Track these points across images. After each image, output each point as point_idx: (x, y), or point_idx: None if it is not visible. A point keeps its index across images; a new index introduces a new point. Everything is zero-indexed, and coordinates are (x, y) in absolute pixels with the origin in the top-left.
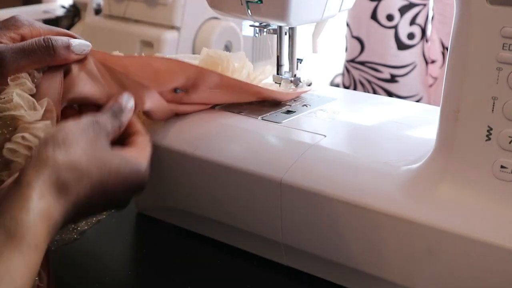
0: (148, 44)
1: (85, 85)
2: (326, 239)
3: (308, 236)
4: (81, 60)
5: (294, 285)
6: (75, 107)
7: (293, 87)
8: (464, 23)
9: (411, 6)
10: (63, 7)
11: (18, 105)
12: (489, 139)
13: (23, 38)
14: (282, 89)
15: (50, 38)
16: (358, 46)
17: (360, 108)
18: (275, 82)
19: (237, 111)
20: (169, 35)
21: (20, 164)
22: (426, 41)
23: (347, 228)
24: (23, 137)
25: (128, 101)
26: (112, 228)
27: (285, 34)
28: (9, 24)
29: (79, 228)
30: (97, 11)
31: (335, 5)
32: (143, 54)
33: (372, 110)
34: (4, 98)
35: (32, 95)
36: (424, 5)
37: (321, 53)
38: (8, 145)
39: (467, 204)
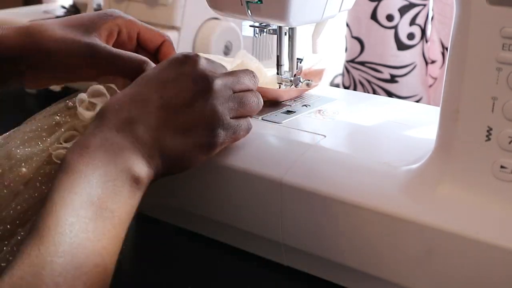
0: None
1: None
2: (326, 239)
3: (308, 236)
4: None
5: (294, 285)
6: None
7: (293, 87)
8: (464, 23)
9: (411, 6)
10: (63, 7)
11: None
12: (489, 139)
13: (119, 29)
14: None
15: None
16: (358, 47)
17: (360, 108)
18: (278, 83)
19: None
20: (169, 35)
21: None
22: (426, 41)
23: (347, 228)
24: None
25: None
26: None
27: (285, 34)
28: (106, 14)
29: None
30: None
31: (335, 6)
32: None
33: (372, 110)
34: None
35: None
36: (424, 5)
37: (321, 53)
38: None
39: (467, 204)
